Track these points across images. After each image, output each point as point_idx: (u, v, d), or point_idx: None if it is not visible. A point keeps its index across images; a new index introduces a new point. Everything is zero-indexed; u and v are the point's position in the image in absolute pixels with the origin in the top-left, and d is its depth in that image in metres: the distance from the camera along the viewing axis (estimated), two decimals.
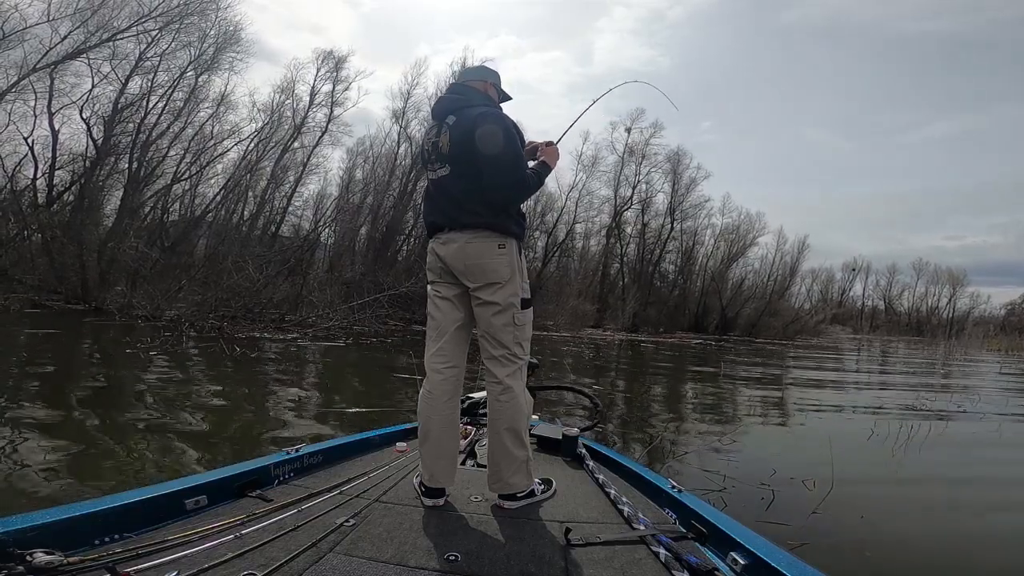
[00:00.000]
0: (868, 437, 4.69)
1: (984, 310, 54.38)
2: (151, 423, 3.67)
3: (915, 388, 9.25)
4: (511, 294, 1.63)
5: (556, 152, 1.81)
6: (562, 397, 5.51)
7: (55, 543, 1.08)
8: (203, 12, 17.63)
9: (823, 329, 38.60)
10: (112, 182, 17.18)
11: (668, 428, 4.84)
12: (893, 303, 58.28)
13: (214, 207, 19.95)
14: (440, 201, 1.70)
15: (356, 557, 1.24)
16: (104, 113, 16.21)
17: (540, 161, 1.76)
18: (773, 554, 1.22)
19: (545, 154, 1.78)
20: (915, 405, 6.84)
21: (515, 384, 1.64)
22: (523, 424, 1.64)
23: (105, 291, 12.34)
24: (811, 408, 6.42)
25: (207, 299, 10.85)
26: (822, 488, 3.10)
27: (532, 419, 2.68)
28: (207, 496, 1.46)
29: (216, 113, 19.30)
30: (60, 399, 4.12)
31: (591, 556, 1.31)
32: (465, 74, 1.84)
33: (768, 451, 4.23)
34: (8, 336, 7.58)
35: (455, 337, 1.70)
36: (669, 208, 31.87)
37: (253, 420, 4.09)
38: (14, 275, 12.34)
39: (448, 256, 1.65)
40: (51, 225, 14.02)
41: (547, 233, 28.51)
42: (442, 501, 1.63)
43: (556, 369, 9.07)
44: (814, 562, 1.19)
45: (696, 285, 33.41)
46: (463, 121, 1.64)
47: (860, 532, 2.60)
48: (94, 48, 15.58)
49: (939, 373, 13.63)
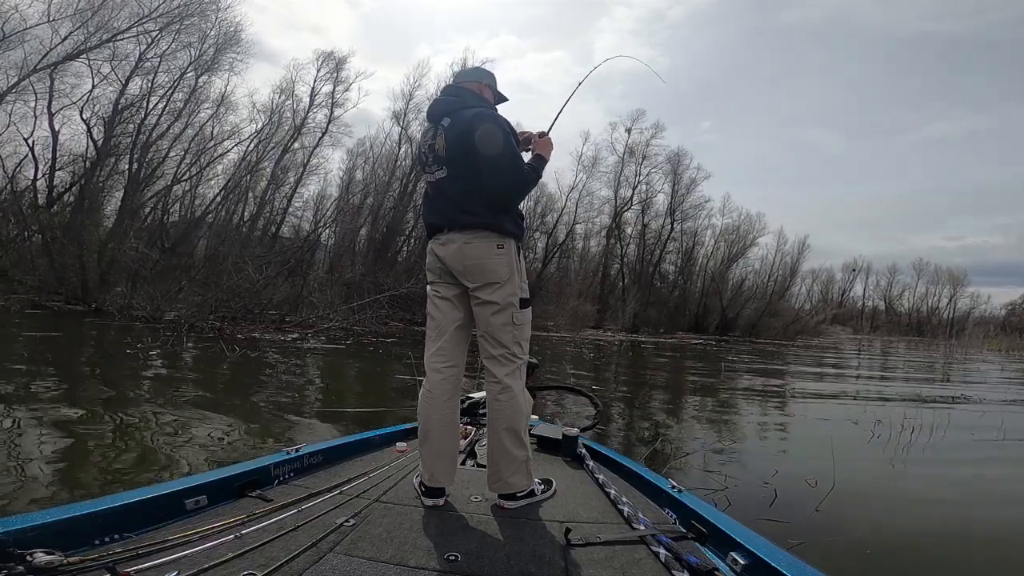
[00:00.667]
0: (869, 436, 4.69)
1: (984, 310, 54.43)
2: (151, 423, 3.67)
3: (916, 388, 9.25)
4: (510, 294, 1.64)
5: (550, 143, 1.81)
6: (562, 397, 5.51)
7: (55, 543, 1.07)
8: (203, 13, 17.66)
9: (823, 329, 38.62)
10: (112, 183, 17.20)
11: (669, 428, 4.84)
12: (893, 303, 58.35)
13: (214, 208, 19.98)
14: (438, 202, 1.70)
15: (356, 557, 1.24)
16: (104, 114, 16.24)
17: (535, 155, 1.76)
18: (773, 554, 1.21)
19: (538, 146, 1.78)
20: (916, 404, 6.84)
21: (514, 384, 1.64)
22: (522, 424, 1.64)
23: (105, 292, 12.34)
24: (812, 408, 6.42)
25: (207, 300, 10.84)
26: (823, 487, 3.10)
27: (532, 419, 2.67)
28: (207, 496, 1.46)
29: (216, 114, 19.35)
30: (60, 399, 4.11)
31: (591, 556, 1.31)
32: (460, 76, 1.84)
33: (769, 450, 4.23)
34: (8, 337, 7.58)
35: (455, 337, 1.70)
36: (669, 209, 31.94)
37: (253, 420, 4.09)
38: (14, 276, 12.35)
39: (447, 257, 1.66)
40: (51, 226, 14.02)
41: (547, 234, 28.55)
42: (442, 501, 1.63)
43: (556, 370, 9.07)
44: (815, 561, 1.19)
45: (696, 286, 33.42)
46: (458, 123, 1.64)
47: (862, 530, 2.60)
48: (94, 49, 15.59)
49: (940, 373, 13.62)
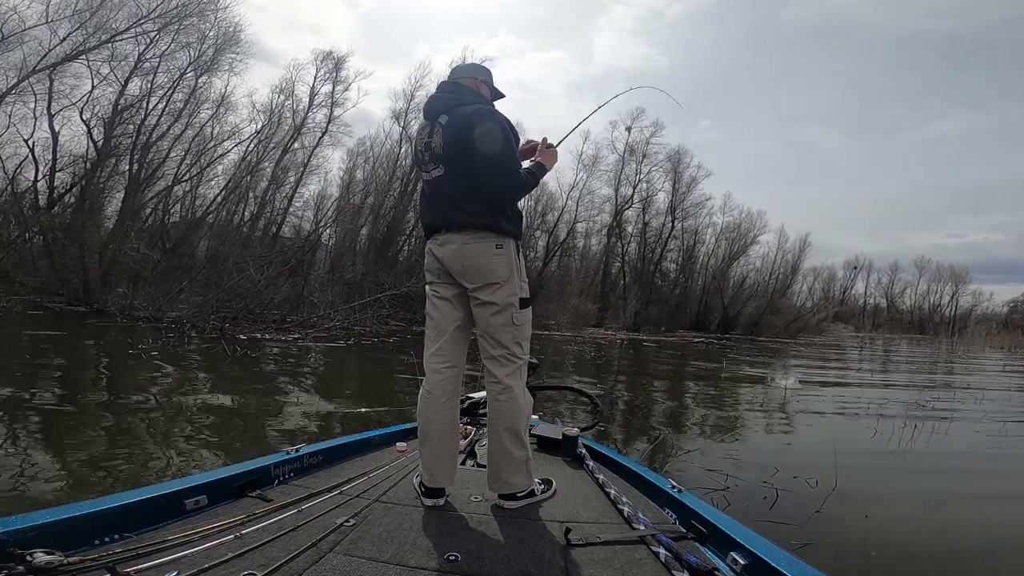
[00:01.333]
0: (872, 434, 4.68)
1: (987, 308, 54.36)
2: (151, 424, 3.68)
3: (918, 386, 9.23)
4: (510, 294, 1.62)
5: (555, 155, 1.79)
6: (562, 397, 5.51)
7: (55, 543, 1.08)
8: (202, 13, 17.64)
9: (825, 327, 38.56)
10: (113, 184, 17.21)
11: (670, 428, 4.84)
12: (895, 301, 58.23)
13: (215, 208, 19.97)
14: (436, 202, 1.68)
15: (356, 557, 1.24)
16: (104, 115, 16.24)
17: (537, 163, 1.74)
18: (773, 554, 1.21)
19: (544, 156, 1.76)
20: (919, 403, 6.83)
21: (514, 384, 1.63)
22: (523, 424, 1.63)
23: (107, 293, 12.35)
24: (814, 406, 6.41)
25: (208, 300, 10.87)
26: (825, 487, 3.09)
27: (532, 419, 2.67)
28: (207, 496, 1.46)
29: (216, 114, 19.34)
30: (62, 400, 4.12)
31: (591, 556, 1.31)
32: (456, 72, 1.79)
33: (771, 449, 4.23)
34: (10, 338, 7.60)
35: (454, 337, 1.69)
36: (670, 207, 31.87)
37: (253, 420, 4.09)
38: (16, 277, 12.37)
39: (446, 257, 1.64)
40: (52, 227, 14.04)
41: (548, 232, 28.51)
42: (442, 501, 1.62)
43: (558, 369, 9.07)
44: (818, 562, 1.19)
45: (697, 284, 33.37)
46: (456, 120, 1.61)
47: (864, 531, 2.59)
48: (93, 50, 15.59)
49: (942, 371, 13.60)
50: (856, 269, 56.15)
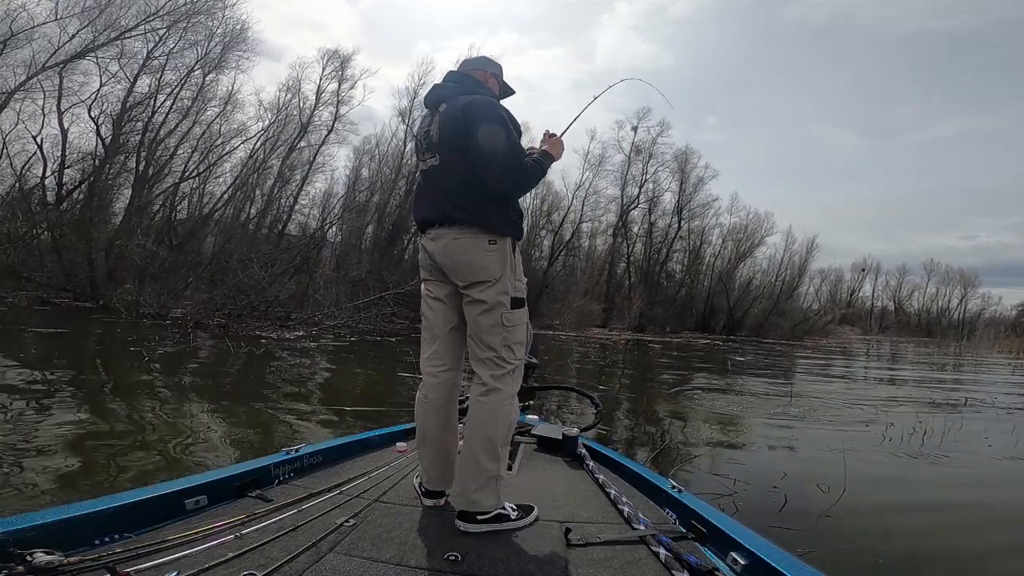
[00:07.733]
0: (880, 439, 4.63)
1: (996, 311, 53.68)
2: (153, 421, 3.69)
3: (927, 390, 9.15)
4: (500, 292, 1.52)
5: (560, 143, 1.71)
6: (562, 397, 5.50)
7: (55, 543, 1.08)
8: (210, 11, 17.79)
9: (832, 330, 38.31)
10: (120, 181, 17.40)
11: (676, 430, 4.81)
12: (903, 304, 57.78)
13: (222, 205, 20.13)
14: (430, 195, 1.62)
15: (356, 557, 1.24)
16: (112, 112, 16.41)
17: (542, 151, 1.66)
18: (773, 554, 1.21)
19: (550, 145, 1.68)
20: (928, 407, 6.76)
21: (503, 387, 1.51)
22: (501, 434, 1.50)
23: (113, 289, 12.44)
24: (821, 408, 6.36)
25: (214, 297, 10.92)
26: (834, 492, 3.06)
27: (532, 419, 2.66)
28: (207, 496, 1.46)
29: (223, 112, 19.47)
30: (66, 396, 4.14)
31: (591, 556, 1.31)
32: (466, 63, 1.74)
33: (779, 454, 4.19)
34: (17, 333, 7.66)
35: (449, 339, 1.63)
36: (676, 207, 31.79)
37: (255, 419, 4.10)
38: (23, 273, 12.48)
39: (437, 252, 1.57)
40: (60, 223, 14.17)
41: (553, 232, 28.50)
42: (442, 501, 1.61)
43: (561, 369, 9.05)
44: (825, 569, 1.17)
45: (703, 285, 33.25)
46: (451, 109, 1.56)
47: (872, 537, 2.56)
48: (102, 47, 15.73)
49: (951, 375, 13.48)
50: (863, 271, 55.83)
